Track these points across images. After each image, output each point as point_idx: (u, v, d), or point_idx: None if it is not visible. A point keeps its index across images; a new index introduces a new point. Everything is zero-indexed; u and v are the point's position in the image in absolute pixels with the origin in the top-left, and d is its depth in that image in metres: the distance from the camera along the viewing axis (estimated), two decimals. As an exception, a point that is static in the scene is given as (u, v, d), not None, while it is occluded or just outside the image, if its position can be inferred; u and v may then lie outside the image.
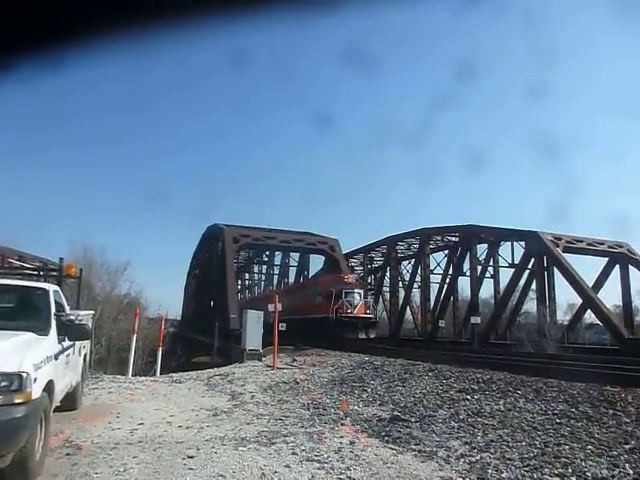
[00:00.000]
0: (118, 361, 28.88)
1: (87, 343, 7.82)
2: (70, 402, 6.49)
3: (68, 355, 5.71)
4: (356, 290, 26.38)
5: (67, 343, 5.55)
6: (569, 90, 69.00)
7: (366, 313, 25.66)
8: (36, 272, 13.86)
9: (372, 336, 24.98)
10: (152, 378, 12.10)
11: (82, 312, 8.40)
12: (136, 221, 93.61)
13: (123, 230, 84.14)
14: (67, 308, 6.69)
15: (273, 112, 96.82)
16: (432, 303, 35.97)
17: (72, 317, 5.98)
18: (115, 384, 9.90)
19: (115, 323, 33.98)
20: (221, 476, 4.09)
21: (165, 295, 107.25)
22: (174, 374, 12.83)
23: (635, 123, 71.76)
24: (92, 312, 10.44)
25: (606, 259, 30.27)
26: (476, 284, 32.61)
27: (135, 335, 13.74)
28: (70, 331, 5.41)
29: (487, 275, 33.88)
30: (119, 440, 5.31)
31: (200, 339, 33.98)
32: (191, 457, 4.60)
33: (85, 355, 7.69)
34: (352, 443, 5.24)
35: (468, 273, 33.05)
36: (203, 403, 8.04)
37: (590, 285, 27.94)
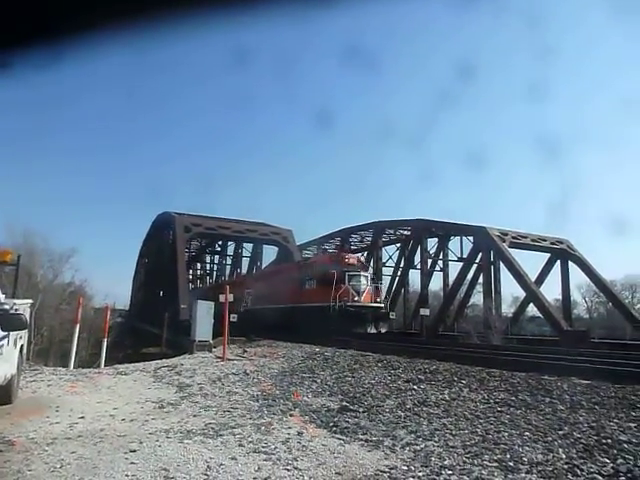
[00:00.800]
0: (60, 353, 27.72)
1: (24, 333, 7.43)
2: (4, 396, 6.15)
3: (1, 346, 5.40)
4: (362, 273, 21.86)
5: (0, 334, 5.25)
6: (569, 90, 71.38)
7: (376, 302, 21.28)
8: (-31, 259, 13.07)
9: (383, 330, 20.84)
10: (96, 370, 11.68)
11: (18, 301, 7.97)
12: (84, 210, 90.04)
13: (68, 218, 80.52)
14: (2, 297, 6.33)
15: (271, 109, 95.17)
16: (384, 295, 36.63)
17: (6, 306, 5.67)
18: (55, 376, 9.48)
19: (57, 313, 32.59)
20: (164, 470, 3.97)
21: (113, 285, 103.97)
22: (120, 366, 12.44)
23: (636, 122, 74.93)
24: (30, 301, 9.93)
25: (548, 255, 31.83)
26: (426, 277, 33.47)
27: (78, 325, 13.19)
28: (3, 321, 5.12)
29: (437, 268, 34.88)
30: (57, 435, 5.07)
31: (149, 330, 33.11)
32: (133, 451, 4.45)
33: (22, 346, 7.30)
34: (300, 434, 5.24)
35: (419, 266, 33.86)
36: (149, 395, 7.82)
37: (533, 279, 29.28)
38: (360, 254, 40.49)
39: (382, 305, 21.59)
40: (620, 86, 68.58)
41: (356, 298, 20.21)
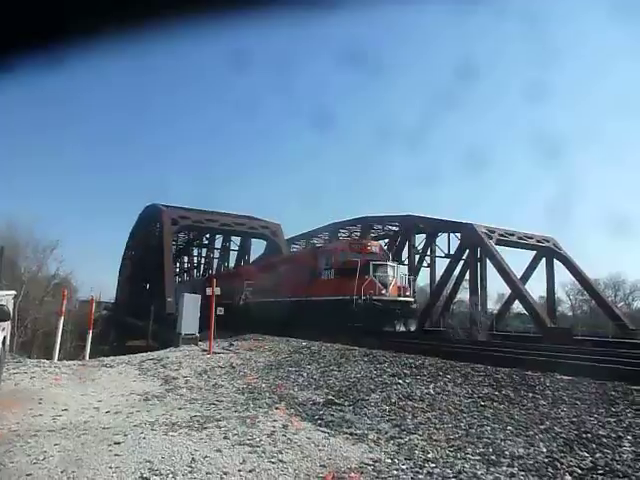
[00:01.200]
0: (44, 345, 27.41)
1: (7, 325, 7.32)
2: (-14, 387, 6.07)
3: (-17, 337, 5.33)
4: (389, 263, 19.23)
5: (-18, 325, 5.17)
6: (568, 90, 71.89)
7: (405, 295, 18.50)
8: (-49, 249, 12.86)
9: (412, 328, 18.42)
10: (81, 362, 11.55)
11: (1, 292, 7.85)
12: (73, 203, 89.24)
13: (57, 211, 79.66)
14: (-16, 287, 6.24)
15: (270, 105, 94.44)
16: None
17: (-11, 297, 5.58)
18: (39, 368, 9.36)
19: (42, 305, 32.22)
20: (149, 462, 3.96)
21: (99, 277, 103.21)
22: (105, 358, 12.32)
23: (636, 123, 75.86)
24: (13, 292, 9.78)
25: (534, 252, 32.17)
26: (413, 273, 33.64)
27: (62, 317, 13.04)
28: (-15, 312, 5.05)
29: (424, 264, 35.04)
30: (40, 427, 5.03)
31: (135, 322, 32.94)
32: (118, 443, 4.43)
33: (5, 338, 7.19)
34: (285, 427, 5.26)
35: (406, 262, 34.01)
36: (134, 388, 7.79)
37: (519, 277, 29.57)
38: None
39: (411, 299, 18.87)
40: (620, 86, 69.44)
41: (383, 291, 17.60)
